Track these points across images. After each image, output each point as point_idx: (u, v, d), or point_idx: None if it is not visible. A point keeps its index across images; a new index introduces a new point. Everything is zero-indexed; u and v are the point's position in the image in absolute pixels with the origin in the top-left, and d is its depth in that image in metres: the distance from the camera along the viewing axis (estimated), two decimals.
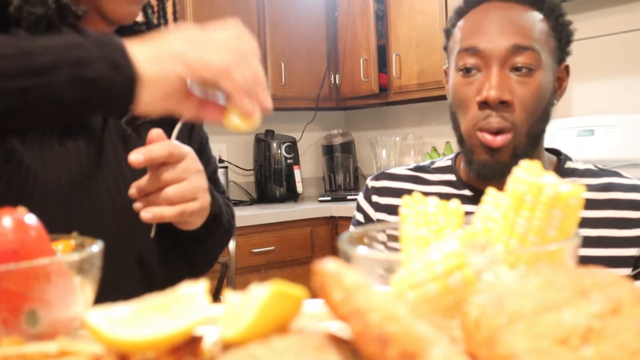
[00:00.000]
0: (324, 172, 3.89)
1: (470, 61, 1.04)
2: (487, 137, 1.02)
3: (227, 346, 0.41)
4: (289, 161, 3.61)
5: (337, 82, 3.70)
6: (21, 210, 0.56)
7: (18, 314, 0.52)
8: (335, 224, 3.33)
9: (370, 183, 1.24)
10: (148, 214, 0.83)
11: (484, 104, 1.01)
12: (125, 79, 0.68)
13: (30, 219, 0.56)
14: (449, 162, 1.20)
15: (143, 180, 0.84)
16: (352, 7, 3.55)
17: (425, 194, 1.18)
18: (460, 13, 1.10)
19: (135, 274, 0.94)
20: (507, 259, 0.49)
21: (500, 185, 0.61)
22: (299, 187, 3.61)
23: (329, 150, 3.84)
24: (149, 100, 0.70)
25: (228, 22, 0.78)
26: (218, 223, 0.98)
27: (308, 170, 3.98)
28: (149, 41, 0.72)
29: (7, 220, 0.54)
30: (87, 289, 0.58)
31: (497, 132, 1.01)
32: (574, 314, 0.38)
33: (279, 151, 3.60)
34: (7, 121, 0.68)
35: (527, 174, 0.53)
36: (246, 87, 0.73)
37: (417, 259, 0.50)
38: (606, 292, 0.40)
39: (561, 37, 1.06)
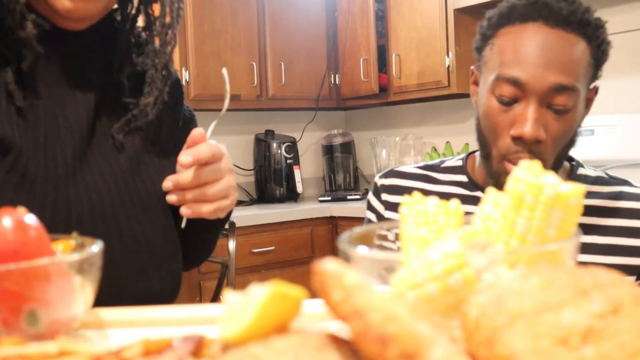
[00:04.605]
0: (324, 172, 3.89)
1: (509, 91, 0.99)
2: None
3: (227, 346, 0.41)
4: (289, 161, 3.61)
5: (337, 82, 3.70)
6: (21, 210, 0.56)
7: (18, 314, 0.52)
8: (335, 224, 3.33)
9: (380, 181, 1.22)
10: (189, 210, 0.89)
11: (518, 139, 0.99)
12: None
13: (30, 219, 0.56)
14: (460, 163, 1.18)
15: (183, 177, 0.89)
16: (352, 7, 3.55)
17: (435, 193, 1.17)
18: (502, 22, 1.04)
19: (127, 268, 0.94)
20: (507, 259, 0.49)
21: None
22: (299, 187, 3.61)
23: (329, 150, 3.84)
24: None
25: None
26: (228, 215, 1.02)
27: (308, 170, 3.98)
28: None
29: (7, 220, 0.54)
30: (87, 289, 0.58)
31: None
32: (574, 314, 0.38)
33: (279, 151, 3.60)
34: None
35: (527, 173, 0.53)
36: None
37: (417, 259, 0.50)
38: (606, 292, 0.40)
39: (599, 64, 1.03)
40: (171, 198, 0.91)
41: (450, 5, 3.05)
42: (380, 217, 1.19)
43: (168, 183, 0.91)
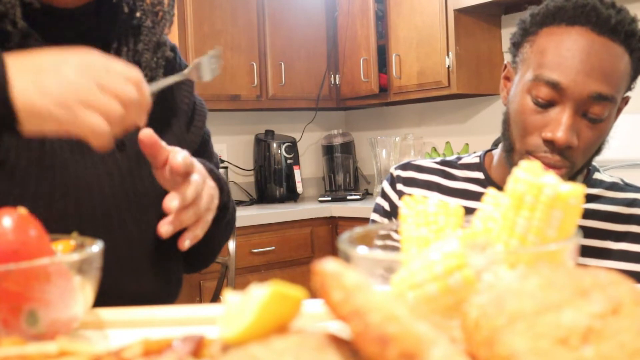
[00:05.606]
0: (324, 172, 3.89)
1: (547, 94, 0.97)
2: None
3: (226, 346, 0.41)
4: (289, 161, 3.61)
5: (337, 82, 3.70)
6: (21, 210, 0.56)
7: (18, 314, 0.52)
8: (335, 224, 3.33)
9: (396, 172, 1.21)
10: (186, 242, 0.84)
11: (549, 142, 0.98)
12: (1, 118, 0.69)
13: (30, 219, 0.56)
14: (477, 160, 1.18)
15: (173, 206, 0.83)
16: (352, 8, 3.55)
17: (452, 189, 1.17)
18: (547, 21, 1.01)
19: (130, 266, 0.94)
20: (507, 259, 0.49)
21: None
22: (299, 187, 3.61)
23: (329, 150, 3.84)
24: (33, 129, 0.70)
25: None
26: (224, 212, 0.98)
27: (308, 170, 3.98)
28: (42, 69, 0.70)
29: (7, 220, 0.54)
30: (87, 289, 0.58)
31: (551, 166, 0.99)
32: (574, 314, 0.38)
33: (279, 151, 3.60)
34: None
35: (527, 174, 0.53)
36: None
37: (417, 259, 0.50)
38: (606, 292, 0.40)
39: (636, 75, 1.02)
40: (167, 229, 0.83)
41: (450, 5, 3.05)
42: (393, 206, 1.19)
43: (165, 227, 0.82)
